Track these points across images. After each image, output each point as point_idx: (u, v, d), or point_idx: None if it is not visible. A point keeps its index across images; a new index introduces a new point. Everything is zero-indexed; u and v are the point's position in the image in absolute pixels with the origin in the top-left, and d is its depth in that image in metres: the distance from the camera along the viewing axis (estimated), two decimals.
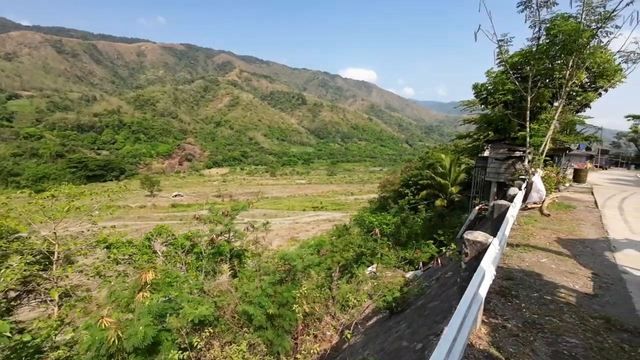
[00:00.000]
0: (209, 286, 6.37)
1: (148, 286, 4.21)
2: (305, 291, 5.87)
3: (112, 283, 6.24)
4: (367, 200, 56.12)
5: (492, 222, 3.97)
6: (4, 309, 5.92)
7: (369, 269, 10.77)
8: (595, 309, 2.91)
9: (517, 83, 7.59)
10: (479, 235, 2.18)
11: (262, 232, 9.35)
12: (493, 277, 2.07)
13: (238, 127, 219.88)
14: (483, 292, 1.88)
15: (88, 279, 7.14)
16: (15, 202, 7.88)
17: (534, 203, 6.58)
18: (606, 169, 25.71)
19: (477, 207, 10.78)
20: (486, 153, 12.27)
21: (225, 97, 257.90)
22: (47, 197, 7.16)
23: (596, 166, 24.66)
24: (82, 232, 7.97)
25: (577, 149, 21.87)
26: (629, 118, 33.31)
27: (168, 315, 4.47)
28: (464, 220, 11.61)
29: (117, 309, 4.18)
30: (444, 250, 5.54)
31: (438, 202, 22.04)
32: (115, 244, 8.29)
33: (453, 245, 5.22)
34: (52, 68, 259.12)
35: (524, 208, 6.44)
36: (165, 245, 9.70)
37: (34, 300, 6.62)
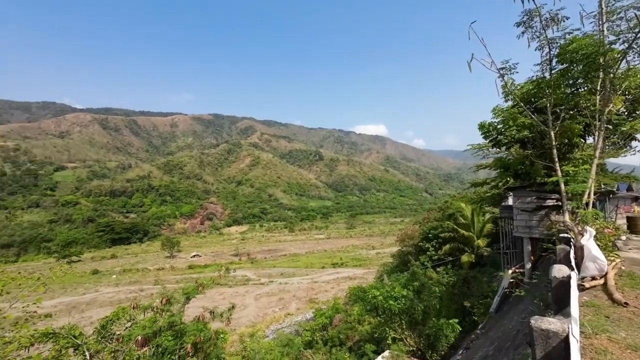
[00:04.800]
0: None
1: None
2: None
3: None
4: (390, 254, 52.05)
5: None
6: None
7: (379, 358, 8.32)
8: None
9: (533, 116, 6.19)
10: None
11: (222, 321, 7.44)
12: None
13: (258, 185, 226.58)
14: None
15: None
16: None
17: (592, 278, 4.51)
18: None
19: (510, 271, 8.50)
20: (510, 201, 10.31)
21: (247, 158, 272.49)
22: None
23: None
24: (17, 321, 6.55)
25: (617, 189, 19.00)
26: None
27: None
28: (495, 288, 9.19)
29: None
30: None
31: (465, 258, 19.16)
32: (61, 336, 6.69)
33: None
34: (97, 142, 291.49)
35: (580, 287, 4.33)
36: (127, 328, 7.98)
37: None
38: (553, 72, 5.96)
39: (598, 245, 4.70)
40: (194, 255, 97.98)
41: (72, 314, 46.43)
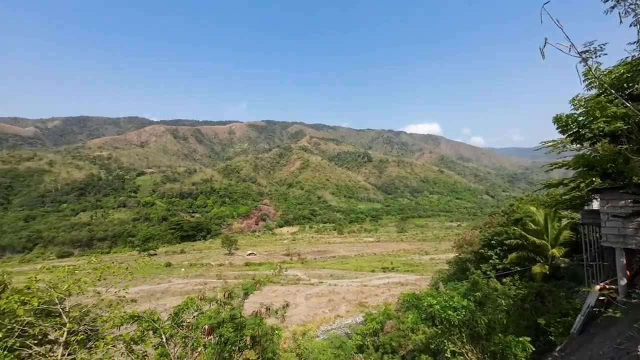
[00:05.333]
0: None
1: None
2: None
3: None
4: (445, 260, 48.71)
5: None
6: None
7: None
8: None
9: (629, 105, 5.07)
10: None
11: (277, 317, 7.72)
12: None
13: (308, 187, 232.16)
14: None
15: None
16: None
17: None
18: None
19: (598, 287, 7.25)
20: (595, 205, 8.74)
21: (297, 161, 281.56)
22: (73, 268, 7.20)
23: None
24: (110, 304, 7.76)
25: None
26: None
27: None
28: (578, 305, 7.90)
29: None
30: None
31: (537, 269, 16.99)
32: (144, 320, 7.75)
33: None
34: (169, 150, 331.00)
35: None
36: (195, 317, 8.87)
37: None
38: None
39: None
40: (250, 254, 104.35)
41: (151, 300, 52.83)
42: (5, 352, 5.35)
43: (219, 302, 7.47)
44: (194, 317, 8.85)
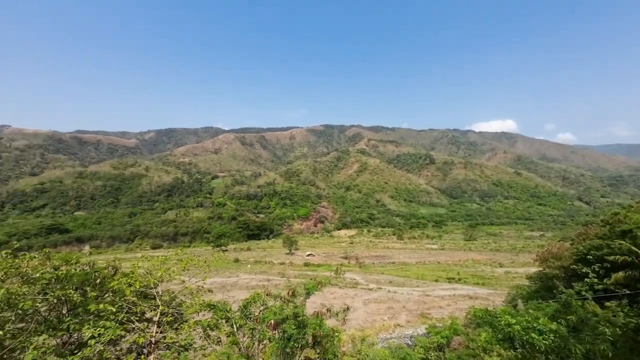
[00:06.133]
0: None
1: None
2: None
3: None
4: (525, 275, 42.85)
5: None
6: None
7: None
8: None
9: None
10: None
11: (338, 320, 7.72)
12: None
13: (366, 190, 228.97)
14: None
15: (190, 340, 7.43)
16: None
17: None
18: None
19: None
20: None
21: (355, 164, 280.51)
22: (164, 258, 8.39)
23: None
24: (192, 292, 8.85)
25: None
26: None
27: None
28: None
29: None
30: None
31: None
32: (218, 309, 8.70)
33: None
34: (237, 155, 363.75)
35: None
36: (261, 311, 9.54)
37: None
38: None
39: None
40: (309, 254, 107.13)
41: (223, 292, 58.02)
42: (117, 324, 6.55)
43: (283, 299, 7.91)
44: (260, 311, 9.52)
